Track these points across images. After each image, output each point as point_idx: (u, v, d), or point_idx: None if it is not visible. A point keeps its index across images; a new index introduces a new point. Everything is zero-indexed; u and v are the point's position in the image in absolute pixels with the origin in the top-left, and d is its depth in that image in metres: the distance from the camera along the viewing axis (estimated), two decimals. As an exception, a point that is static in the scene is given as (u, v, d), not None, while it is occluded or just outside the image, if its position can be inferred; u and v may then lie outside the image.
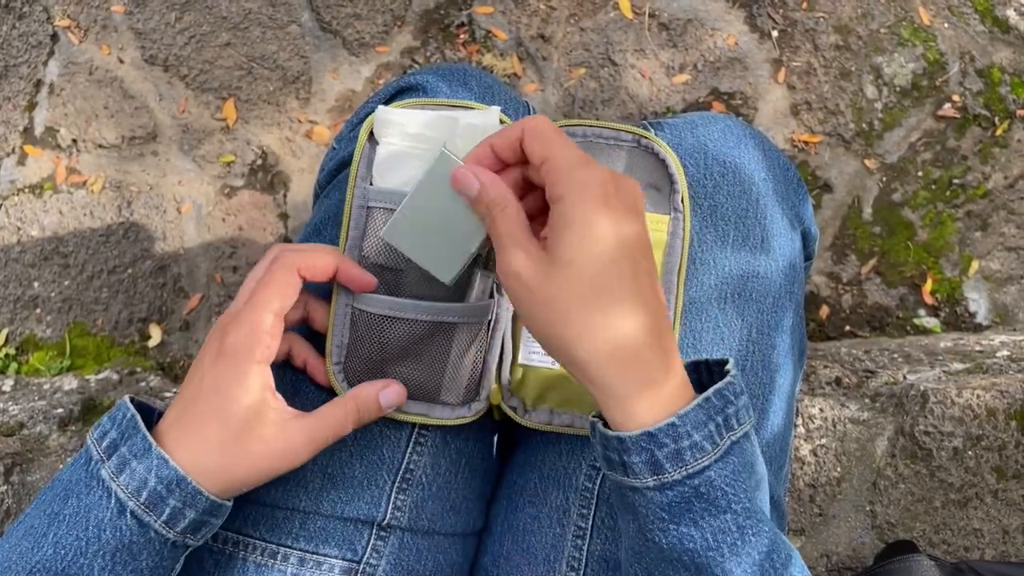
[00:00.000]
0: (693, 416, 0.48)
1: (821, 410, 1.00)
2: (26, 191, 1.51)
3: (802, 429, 0.99)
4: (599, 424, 0.51)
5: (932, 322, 1.45)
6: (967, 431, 0.96)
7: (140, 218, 1.50)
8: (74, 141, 1.51)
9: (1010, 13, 1.50)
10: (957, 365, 1.11)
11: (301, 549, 0.65)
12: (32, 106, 1.53)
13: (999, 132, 1.47)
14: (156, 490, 0.50)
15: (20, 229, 1.50)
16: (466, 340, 0.65)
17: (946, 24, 1.49)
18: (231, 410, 0.52)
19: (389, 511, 0.66)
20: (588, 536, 0.65)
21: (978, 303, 1.45)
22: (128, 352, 1.48)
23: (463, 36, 1.51)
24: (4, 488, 0.98)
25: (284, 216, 1.49)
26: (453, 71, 0.74)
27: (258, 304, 0.53)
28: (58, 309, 1.49)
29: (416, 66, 1.51)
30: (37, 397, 1.22)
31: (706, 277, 0.67)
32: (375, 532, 0.66)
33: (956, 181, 1.47)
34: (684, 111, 1.49)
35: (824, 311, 1.45)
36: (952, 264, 1.46)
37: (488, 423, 0.72)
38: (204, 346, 0.55)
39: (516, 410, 0.68)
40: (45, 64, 1.53)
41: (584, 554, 0.65)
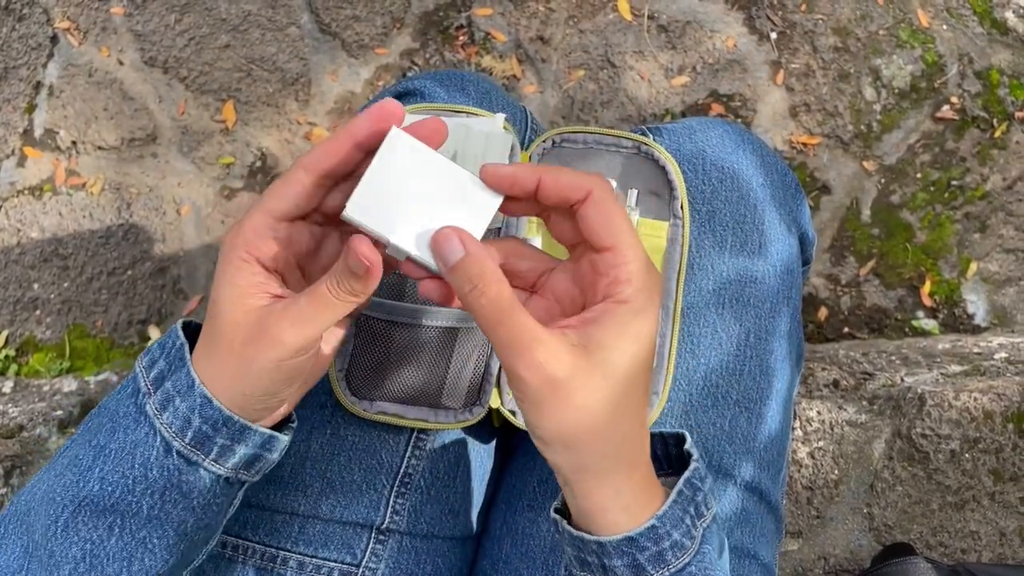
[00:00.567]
0: (671, 515, 0.47)
1: (819, 413, 1.00)
2: (26, 193, 1.51)
3: (800, 432, 0.99)
4: (564, 523, 0.49)
5: (930, 324, 1.46)
6: (964, 434, 0.97)
7: (140, 220, 1.50)
8: (73, 143, 1.51)
9: (1008, 15, 1.50)
10: (955, 367, 1.11)
11: (300, 553, 0.65)
12: (31, 108, 1.53)
13: (998, 134, 1.47)
14: (201, 429, 0.47)
15: (20, 231, 1.50)
16: (468, 345, 0.66)
17: (945, 26, 1.50)
18: (220, 318, 0.47)
19: (388, 515, 0.67)
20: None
21: (976, 305, 1.46)
22: (128, 354, 1.48)
23: (462, 38, 1.51)
24: (4, 491, 0.98)
25: (283, 218, 1.50)
26: (451, 76, 0.74)
27: (253, 207, 0.47)
28: (58, 311, 1.49)
29: (415, 68, 1.52)
30: (37, 399, 1.22)
31: (704, 282, 0.67)
32: (374, 536, 0.67)
33: (955, 183, 1.47)
34: (683, 113, 1.49)
35: (822, 313, 1.46)
36: (950, 266, 1.46)
37: (486, 427, 0.72)
38: None
39: (515, 413, 0.68)
40: (45, 66, 1.53)
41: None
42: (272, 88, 1.51)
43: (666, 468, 0.55)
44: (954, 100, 1.48)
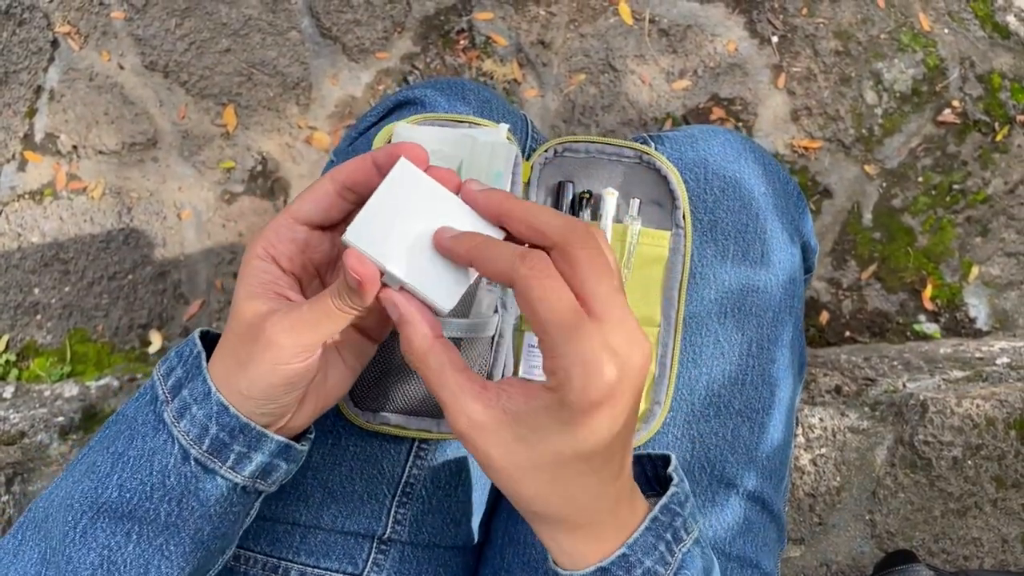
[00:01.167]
0: (642, 541, 0.46)
1: (821, 419, 1.00)
2: (26, 197, 1.51)
3: (802, 439, 0.99)
4: (549, 561, 0.49)
5: (932, 328, 1.45)
6: (967, 440, 0.97)
7: (140, 224, 1.50)
8: (74, 147, 1.51)
9: (1010, 19, 1.50)
10: (957, 373, 1.11)
11: (302, 563, 0.65)
12: (32, 112, 1.53)
13: (999, 138, 1.47)
14: (218, 437, 0.47)
15: (20, 235, 1.50)
16: (471, 355, 0.65)
17: (946, 30, 1.50)
18: (232, 314, 0.48)
19: (390, 525, 0.67)
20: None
21: (978, 309, 1.46)
22: (128, 358, 1.48)
23: (463, 42, 1.51)
24: (6, 498, 0.98)
25: (284, 222, 1.49)
26: (451, 85, 0.74)
27: (281, 211, 0.49)
28: (58, 315, 1.49)
29: (416, 72, 1.51)
30: (38, 404, 1.22)
31: (706, 291, 0.67)
32: (376, 546, 0.67)
33: (956, 187, 1.47)
34: (684, 116, 1.49)
35: (824, 317, 1.45)
36: (952, 270, 1.46)
37: (489, 436, 0.72)
38: None
39: (516, 423, 0.68)
40: (45, 70, 1.53)
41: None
42: (273, 92, 1.51)
43: (655, 489, 0.55)
44: (956, 104, 1.48)
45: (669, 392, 0.65)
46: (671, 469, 0.52)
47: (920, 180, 1.47)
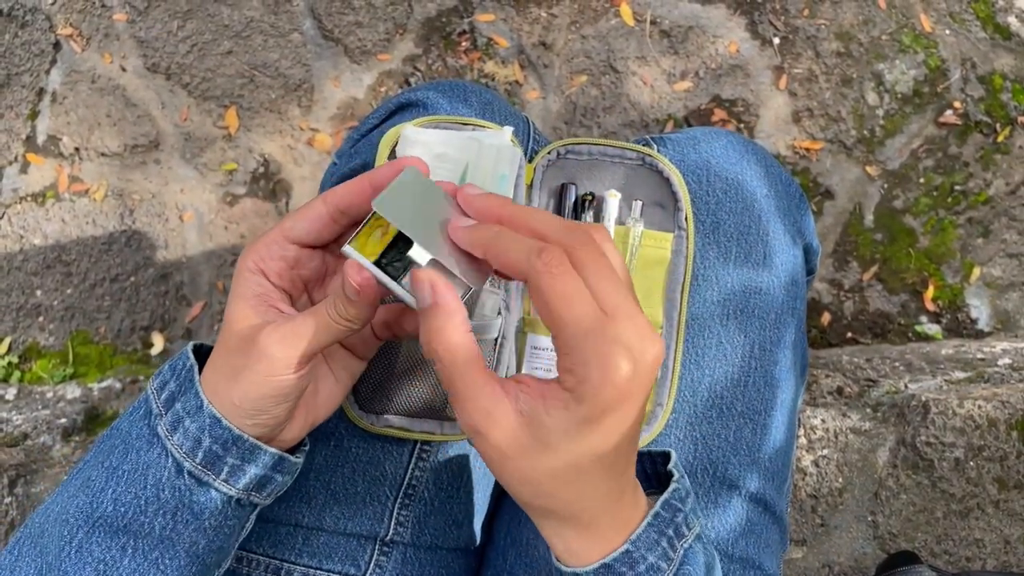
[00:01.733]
0: (645, 537, 0.47)
1: (823, 421, 1.00)
2: (29, 199, 1.51)
3: (804, 440, 0.99)
4: (553, 559, 0.49)
5: (934, 329, 1.45)
6: (969, 441, 0.97)
7: (142, 226, 1.50)
8: (76, 149, 1.51)
9: (1011, 20, 1.50)
10: (959, 374, 1.11)
11: (304, 565, 0.65)
12: (34, 114, 1.53)
13: (1001, 139, 1.47)
14: (212, 449, 0.47)
15: (23, 237, 1.50)
16: (474, 357, 0.65)
17: (947, 31, 1.50)
18: (224, 325, 0.48)
19: (392, 527, 0.67)
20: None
21: (980, 310, 1.46)
22: (131, 360, 1.48)
23: (465, 44, 1.51)
24: (9, 500, 0.98)
25: (286, 224, 1.50)
26: (453, 87, 0.74)
27: (273, 226, 0.49)
28: (61, 317, 1.49)
29: (418, 73, 1.52)
30: (40, 406, 1.22)
31: (708, 293, 0.67)
32: (378, 547, 0.67)
33: (958, 188, 1.47)
34: (686, 118, 1.49)
35: (826, 318, 1.45)
36: (954, 271, 1.46)
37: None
38: None
39: (519, 425, 0.68)
40: (47, 72, 1.53)
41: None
42: (275, 94, 1.51)
43: (655, 486, 0.55)
44: (957, 105, 1.48)
45: (671, 394, 0.65)
46: (671, 465, 0.52)
47: (921, 181, 1.47)
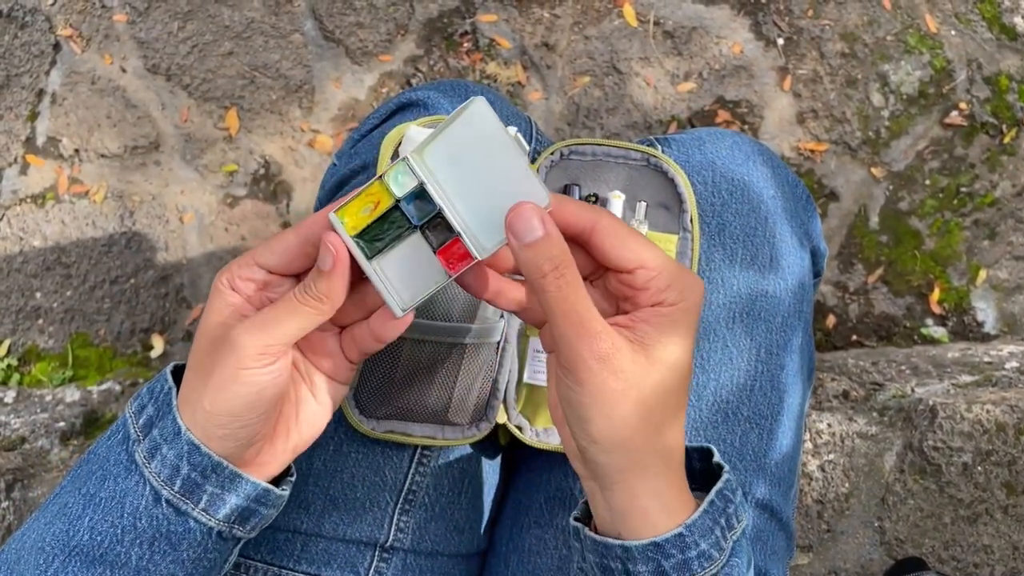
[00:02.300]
0: (700, 524, 0.46)
1: (829, 425, 0.99)
2: (28, 201, 1.51)
3: (810, 444, 0.98)
4: (585, 531, 0.49)
5: (939, 331, 1.44)
6: (977, 446, 0.95)
7: (142, 228, 1.49)
8: (76, 151, 1.51)
9: (1017, 20, 1.49)
10: (965, 377, 1.10)
11: (303, 572, 0.64)
12: (34, 116, 1.52)
13: (1007, 140, 1.46)
14: (190, 477, 0.46)
15: (22, 239, 1.49)
16: (477, 361, 0.65)
17: (953, 31, 1.48)
18: (196, 336, 0.48)
19: (392, 533, 0.66)
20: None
21: (986, 312, 1.44)
22: (130, 363, 1.47)
23: (467, 45, 1.50)
24: (6, 504, 0.97)
25: (287, 225, 1.49)
26: (454, 86, 0.73)
27: (248, 251, 0.49)
28: (60, 319, 1.48)
29: (419, 75, 1.51)
30: (39, 409, 1.21)
31: (714, 296, 0.66)
32: (378, 554, 0.66)
33: (963, 189, 1.46)
34: (689, 119, 1.48)
35: (831, 320, 1.44)
36: (960, 273, 1.45)
37: (492, 443, 0.71)
38: None
39: (522, 429, 0.67)
40: (47, 74, 1.52)
41: (591, 577, 0.64)
42: (275, 95, 1.50)
43: (693, 483, 0.54)
44: (963, 106, 1.47)
45: (676, 398, 0.64)
46: (717, 459, 0.51)
47: (927, 183, 1.46)
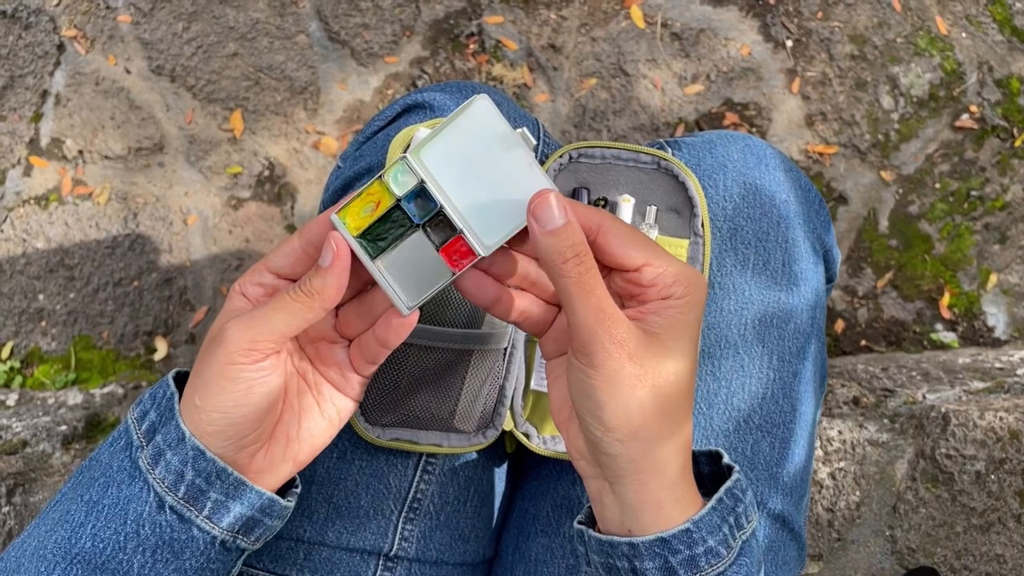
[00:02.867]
0: (708, 521, 0.46)
1: (839, 432, 0.97)
2: (32, 202, 1.50)
3: (820, 452, 0.97)
4: (590, 532, 0.48)
5: (949, 337, 1.43)
6: (990, 454, 0.94)
7: (146, 230, 1.48)
8: (80, 152, 1.50)
9: (1029, 22, 1.47)
10: (977, 384, 1.08)
11: (306, 581, 0.63)
12: (38, 117, 1.51)
13: (1018, 143, 1.44)
14: (195, 483, 0.46)
15: (25, 241, 1.49)
16: (483, 367, 0.64)
17: (964, 34, 1.47)
18: (206, 339, 0.48)
19: (396, 542, 0.65)
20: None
21: (996, 317, 1.43)
22: (133, 365, 1.46)
23: (473, 46, 1.49)
24: (7, 509, 0.96)
25: (291, 228, 1.48)
26: (460, 88, 0.72)
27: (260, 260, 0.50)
28: (63, 322, 1.48)
29: (425, 76, 1.50)
30: (41, 412, 1.20)
31: (725, 303, 0.65)
32: (382, 563, 0.65)
33: (974, 193, 1.44)
34: (696, 122, 1.47)
35: (839, 325, 1.43)
36: (970, 278, 1.43)
37: (498, 450, 0.70)
38: None
39: (529, 437, 0.66)
40: (51, 74, 1.52)
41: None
42: (280, 97, 1.50)
43: (702, 487, 0.53)
44: (973, 109, 1.45)
45: (687, 406, 0.62)
46: (727, 460, 0.51)
47: (937, 186, 1.45)
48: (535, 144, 0.63)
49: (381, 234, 0.46)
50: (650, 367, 0.44)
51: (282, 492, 0.51)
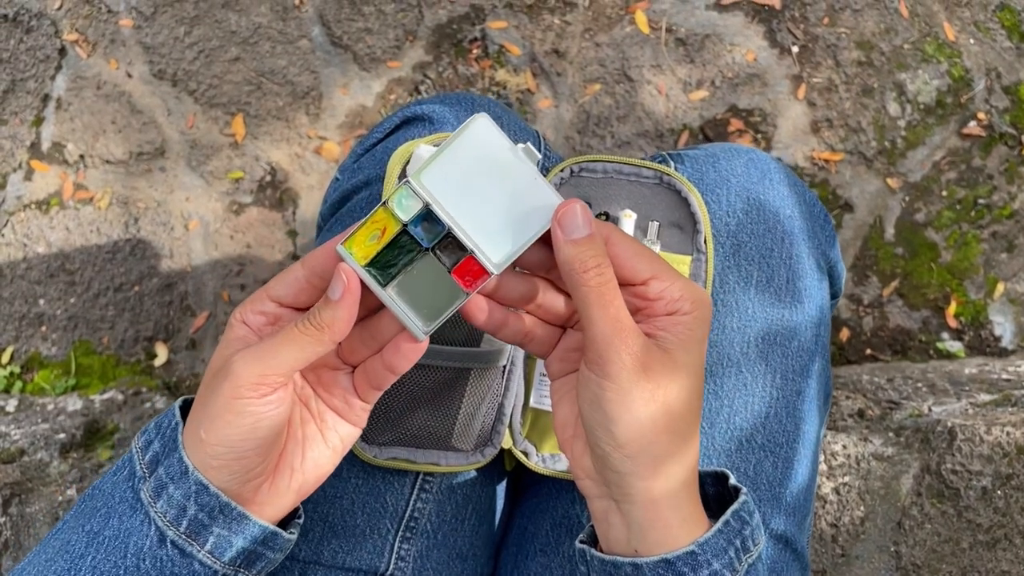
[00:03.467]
0: (713, 543, 0.45)
1: (844, 447, 0.96)
2: (32, 207, 1.49)
3: (824, 467, 0.96)
4: (592, 551, 0.48)
5: (956, 346, 1.41)
6: (996, 470, 0.93)
7: (147, 235, 1.48)
8: (81, 156, 1.49)
9: (1038, 29, 1.46)
10: (984, 396, 1.07)
11: (301, 601, 0.63)
12: (39, 121, 1.51)
13: (1026, 151, 1.43)
14: (197, 518, 0.45)
15: (26, 246, 1.48)
16: (482, 385, 0.63)
17: (972, 40, 1.46)
18: (208, 372, 0.47)
19: (392, 561, 0.64)
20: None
21: (1003, 327, 1.41)
22: (134, 371, 1.45)
23: (476, 51, 1.48)
24: (3, 520, 0.95)
25: (293, 233, 1.47)
26: (460, 99, 0.71)
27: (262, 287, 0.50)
28: (63, 327, 1.47)
29: (428, 81, 1.49)
30: (40, 419, 1.19)
31: (728, 320, 0.64)
32: (378, 583, 0.64)
33: (981, 201, 1.43)
34: (701, 128, 1.45)
35: (844, 334, 1.42)
36: (977, 286, 1.42)
37: (496, 469, 0.69)
38: None
39: (528, 455, 0.65)
40: (53, 78, 1.51)
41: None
42: (282, 101, 1.49)
43: (708, 508, 0.52)
44: (981, 116, 1.44)
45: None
46: (733, 482, 0.51)
47: (944, 194, 1.43)
48: (539, 158, 0.62)
49: (390, 261, 0.46)
50: (662, 383, 0.44)
51: (285, 521, 0.51)
